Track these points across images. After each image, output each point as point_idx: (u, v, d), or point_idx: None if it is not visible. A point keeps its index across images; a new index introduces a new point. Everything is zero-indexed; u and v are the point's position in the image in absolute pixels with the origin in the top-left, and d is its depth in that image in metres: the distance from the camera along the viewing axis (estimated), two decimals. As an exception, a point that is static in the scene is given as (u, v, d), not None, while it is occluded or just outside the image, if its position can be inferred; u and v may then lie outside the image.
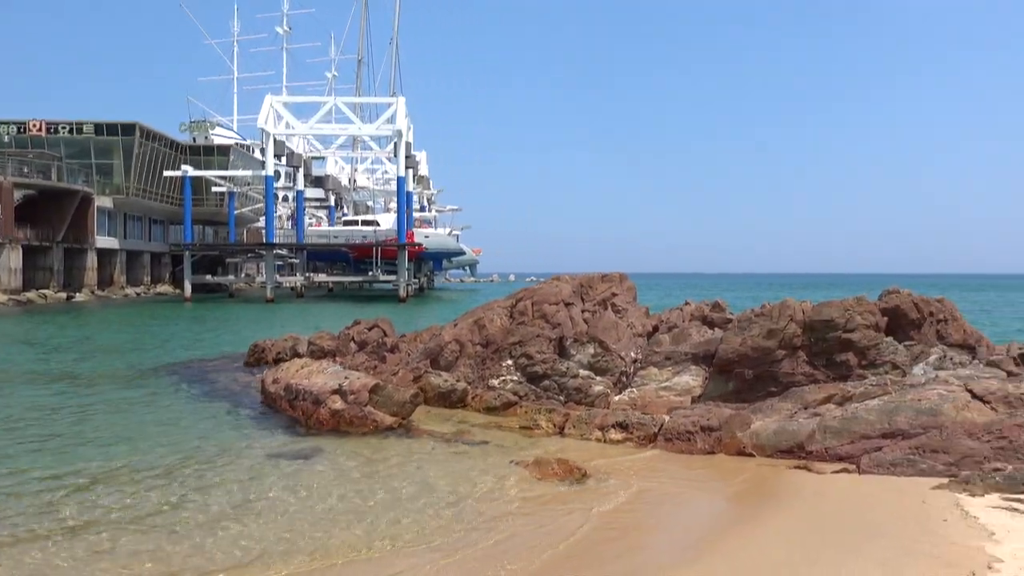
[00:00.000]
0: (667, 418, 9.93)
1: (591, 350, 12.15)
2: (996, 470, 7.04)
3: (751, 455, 8.84)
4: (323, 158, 72.63)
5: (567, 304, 12.78)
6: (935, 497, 6.87)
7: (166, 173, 57.00)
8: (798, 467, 8.18)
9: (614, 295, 13.28)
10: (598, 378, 11.91)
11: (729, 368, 11.10)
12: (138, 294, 55.46)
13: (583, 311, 12.85)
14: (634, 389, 11.87)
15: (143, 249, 60.68)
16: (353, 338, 15.45)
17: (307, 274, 56.90)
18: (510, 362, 12.26)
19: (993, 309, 44.90)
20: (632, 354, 12.32)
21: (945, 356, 9.88)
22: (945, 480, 7.26)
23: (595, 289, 13.30)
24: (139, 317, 36.81)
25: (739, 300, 34.01)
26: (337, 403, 10.56)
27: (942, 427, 7.89)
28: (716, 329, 12.43)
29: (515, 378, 12.07)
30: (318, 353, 15.11)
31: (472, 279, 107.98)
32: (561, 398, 11.78)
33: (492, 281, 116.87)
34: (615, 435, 9.91)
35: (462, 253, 73.62)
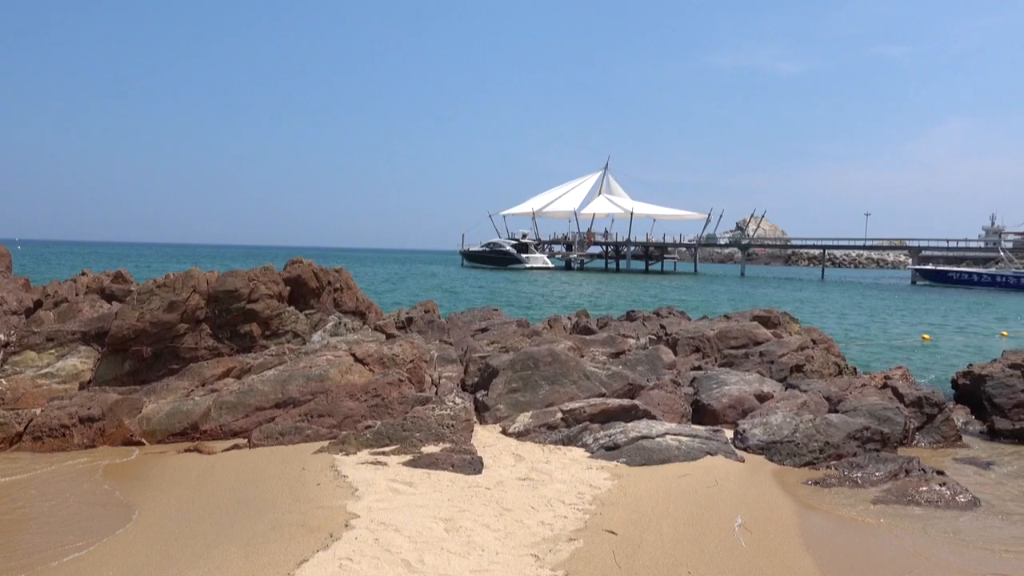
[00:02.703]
0: (39, 412, 8.36)
1: (-61, 335, 9.53)
2: (368, 427, 7.69)
3: (141, 443, 8.02)
4: None
5: (-97, 276, 9.78)
6: (315, 461, 7.15)
7: None
8: (189, 450, 7.69)
9: (-22, 264, 10.70)
10: (-51, 370, 9.42)
11: (125, 346, 9.94)
12: None
13: (-71, 285, 10.01)
14: (3, 380, 9.73)
15: None
16: None
17: None
18: None
19: (408, 279, 52.16)
20: (2, 336, 10.09)
21: (340, 323, 10.57)
22: (327, 443, 7.65)
23: (-51, 257, 10.50)
24: None
25: (155, 272, 31.85)
26: None
27: (328, 391, 8.33)
28: (116, 303, 11.06)
29: None
30: None
31: None
32: None
33: None
34: (-37, 442, 7.91)
35: None
